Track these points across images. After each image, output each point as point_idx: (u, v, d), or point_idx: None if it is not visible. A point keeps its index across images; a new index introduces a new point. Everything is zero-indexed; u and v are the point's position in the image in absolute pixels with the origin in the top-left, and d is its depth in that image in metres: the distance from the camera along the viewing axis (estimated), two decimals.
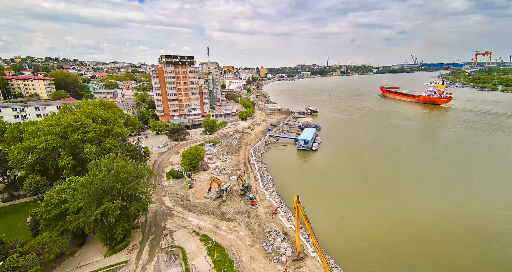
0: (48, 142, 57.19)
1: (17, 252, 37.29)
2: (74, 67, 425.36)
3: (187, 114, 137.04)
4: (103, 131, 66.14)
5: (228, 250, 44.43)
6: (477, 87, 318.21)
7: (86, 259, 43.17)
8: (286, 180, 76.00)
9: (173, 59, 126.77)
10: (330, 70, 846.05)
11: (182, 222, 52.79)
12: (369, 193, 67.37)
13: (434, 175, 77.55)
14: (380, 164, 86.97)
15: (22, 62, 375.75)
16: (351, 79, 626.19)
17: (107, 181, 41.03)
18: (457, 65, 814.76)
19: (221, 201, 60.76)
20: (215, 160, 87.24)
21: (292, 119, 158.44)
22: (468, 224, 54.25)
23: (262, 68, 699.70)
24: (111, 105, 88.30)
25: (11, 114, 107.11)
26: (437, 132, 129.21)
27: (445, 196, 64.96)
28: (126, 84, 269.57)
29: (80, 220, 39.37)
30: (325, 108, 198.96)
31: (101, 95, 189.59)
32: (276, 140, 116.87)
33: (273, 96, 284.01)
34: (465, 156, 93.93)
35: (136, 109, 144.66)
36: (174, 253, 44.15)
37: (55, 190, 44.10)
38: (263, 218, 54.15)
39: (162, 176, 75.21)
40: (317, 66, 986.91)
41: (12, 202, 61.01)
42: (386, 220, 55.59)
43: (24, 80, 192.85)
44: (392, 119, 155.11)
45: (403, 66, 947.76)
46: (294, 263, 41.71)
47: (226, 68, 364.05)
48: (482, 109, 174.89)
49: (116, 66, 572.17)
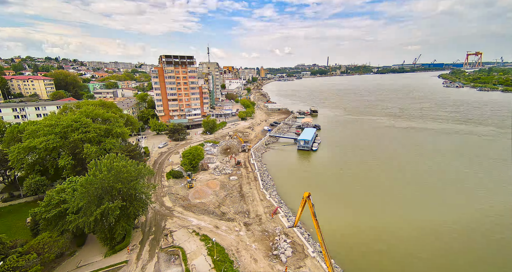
0: (48, 142, 57.16)
1: (17, 252, 37.24)
2: (74, 67, 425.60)
3: (187, 114, 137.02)
4: (103, 131, 66.12)
5: (228, 250, 44.44)
6: (477, 87, 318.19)
7: (86, 259, 43.15)
8: (286, 180, 76.03)
9: (173, 59, 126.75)
10: (330, 70, 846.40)
11: (182, 222, 52.79)
12: (370, 192, 67.34)
13: (436, 171, 77.59)
14: (380, 163, 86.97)
15: (22, 62, 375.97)
16: (352, 79, 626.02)
17: (107, 181, 40.99)
18: (457, 65, 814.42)
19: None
20: (215, 160, 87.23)
21: (292, 119, 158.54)
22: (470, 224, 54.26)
23: (262, 68, 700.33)
24: (111, 105, 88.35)
25: (11, 114, 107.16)
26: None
27: (451, 195, 64.95)
28: (126, 84, 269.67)
29: (80, 220, 39.32)
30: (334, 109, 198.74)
31: (101, 95, 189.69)
32: (276, 139, 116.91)
33: (273, 96, 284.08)
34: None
35: (136, 109, 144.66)
36: (174, 253, 44.15)
37: (55, 190, 44.07)
38: (263, 218, 54.15)
39: (162, 176, 75.23)
40: (317, 66, 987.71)
41: (12, 202, 61.00)
42: (386, 220, 55.59)
43: (24, 80, 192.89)
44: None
45: (402, 66, 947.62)
46: (294, 263, 41.71)
47: (226, 68, 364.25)
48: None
49: (116, 66, 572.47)
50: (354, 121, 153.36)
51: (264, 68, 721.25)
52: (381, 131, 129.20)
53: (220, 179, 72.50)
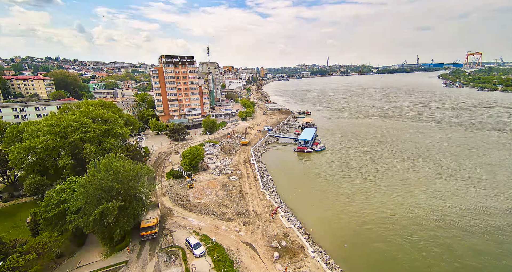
0: (48, 142, 57.14)
1: (17, 252, 37.24)
2: (74, 67, 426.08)
3: (187, 114, 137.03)
4: (103, 131, 66.09)
5: (228, 250, 44.44)
6: (477, 87, 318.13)
7: (86, 259, 43.14)
8: (286, 179, 76.01)
9: (173, 59, 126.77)
10: (330, 70, 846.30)
11: (182, 222, 52.80)
12: (370, 193, 67.34)
13: (438, 168, 77.63)
14: (381, 163, 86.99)
15: (22, 62, 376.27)
16: (352, 79, 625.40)
17: (106, 181, 40.98)
18: (457, 65, 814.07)
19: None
20: (215, 160, 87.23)
21: (292, 119, 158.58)
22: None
23: (262, 68, 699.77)
24: (111, 105, 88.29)
25: (11, 114, 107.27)
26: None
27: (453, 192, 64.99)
28: (126, 84, 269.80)
29: (80, 220, 39.35)
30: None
31: (101, 95, 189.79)
32: (276, 139, 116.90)
33: (273, 96, 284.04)
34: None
35: (136, 109, 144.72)
36: (174, 253, 44.15)
37: (55, 190, 44.08)
38: (263, 218, 54.15)
39: (162, 176, 75.22)
40: (317, 66, 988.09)
41: (12, 202, 61.01)
42: (387, 220, 55.61)
43: (24, 80, 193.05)
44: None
45: (403, 66, 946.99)
46: (294, 263, 41.69)
47: (226, 68, 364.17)
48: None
49: (116, 66, 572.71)
50: (352, 121, 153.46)
51: (264, 68, 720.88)
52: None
53: (220, 179, 72.50)
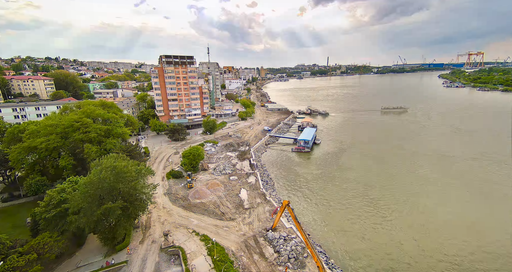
0: (48, 142, 57.22)
1: (17, 252, 37.28)
2: (74, 67, 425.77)
3: (187, 114, 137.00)
4: (104, 131, 66.15)
5: (228, 250, 44.46)
6: (477, 87, 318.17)
7: (86, 259, 43.20)
8: (286, 180, 76.06)
9: (173, 59, 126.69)
10: (330, 70, 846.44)
11: (182, 222, 52.83)
12: (370, 192, 67.39)
13: (439, 168, 77.63)
14: (382, 162, 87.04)
15: (22, 62, 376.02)
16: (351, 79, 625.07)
17: (108, 181, 41.00)
18: (457, 65, 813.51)
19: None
20: (215, 160, 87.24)
21: (292, 119, 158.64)
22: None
23: (262, 68, 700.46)
24: (111, 105, 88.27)
25: (11, 114, 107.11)
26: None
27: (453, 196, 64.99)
28: (126, 84, 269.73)
29: (81, 221, 39.34)
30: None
31: (101, 95, 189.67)
32: (276, 139, 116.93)
33: (272, 97, 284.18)
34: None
35: (136, 109, 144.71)
36: (174, 253, 44.18)
37: (55, 190, 44.10)
38: (263, 218, 54.18)
39: (162, 176, 75.23)
40: (317, 66, 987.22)
41: (12, 202, 61.06)
42: (386, 220, 55.65)
43: (24, 80, 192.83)
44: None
45: (403, 67, 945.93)
46: (294, 263, 41.71)
47: (226, 68, 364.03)
48: None
49: (116, 66, 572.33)
50: (351, 121, 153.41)
51: (264, 68, 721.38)
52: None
53: (220, 179, 72.54)
